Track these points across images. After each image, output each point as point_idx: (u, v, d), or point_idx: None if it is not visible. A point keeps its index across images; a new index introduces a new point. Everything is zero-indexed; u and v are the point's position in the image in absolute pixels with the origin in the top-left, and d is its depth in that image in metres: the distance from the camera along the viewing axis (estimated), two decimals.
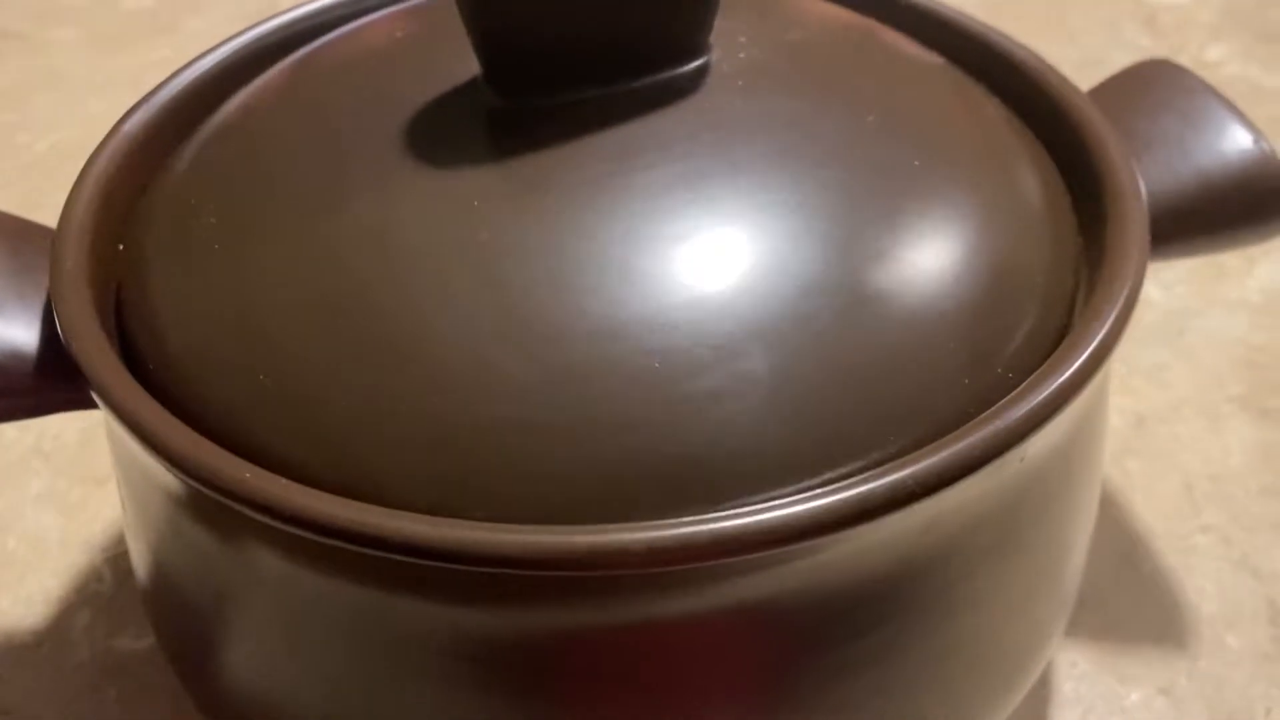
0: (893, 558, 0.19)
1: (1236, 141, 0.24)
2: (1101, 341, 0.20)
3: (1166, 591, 0.32)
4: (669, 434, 0.18)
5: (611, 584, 0.18)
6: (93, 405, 0.21)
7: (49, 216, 0.24)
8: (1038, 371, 0.19)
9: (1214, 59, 0.51)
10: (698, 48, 0.22)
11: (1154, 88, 0.25)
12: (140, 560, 0.24)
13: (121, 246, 0.23)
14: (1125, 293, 0.20)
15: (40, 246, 0.23)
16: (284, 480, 0.18)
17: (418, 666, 0.19)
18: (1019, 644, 0.23)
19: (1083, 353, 0.19)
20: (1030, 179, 0.23)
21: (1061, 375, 0.19)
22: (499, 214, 0.20)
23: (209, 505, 0.19)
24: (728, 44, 0.23)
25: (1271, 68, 0.51)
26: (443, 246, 0.20)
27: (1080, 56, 0.52)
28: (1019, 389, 0.19)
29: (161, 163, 0.25)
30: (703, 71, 0.22)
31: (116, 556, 0.33)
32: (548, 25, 0.21)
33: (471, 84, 0.22)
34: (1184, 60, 0.51)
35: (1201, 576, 0.32)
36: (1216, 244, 0.25)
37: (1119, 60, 0.35)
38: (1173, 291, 0.41)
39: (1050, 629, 0.24)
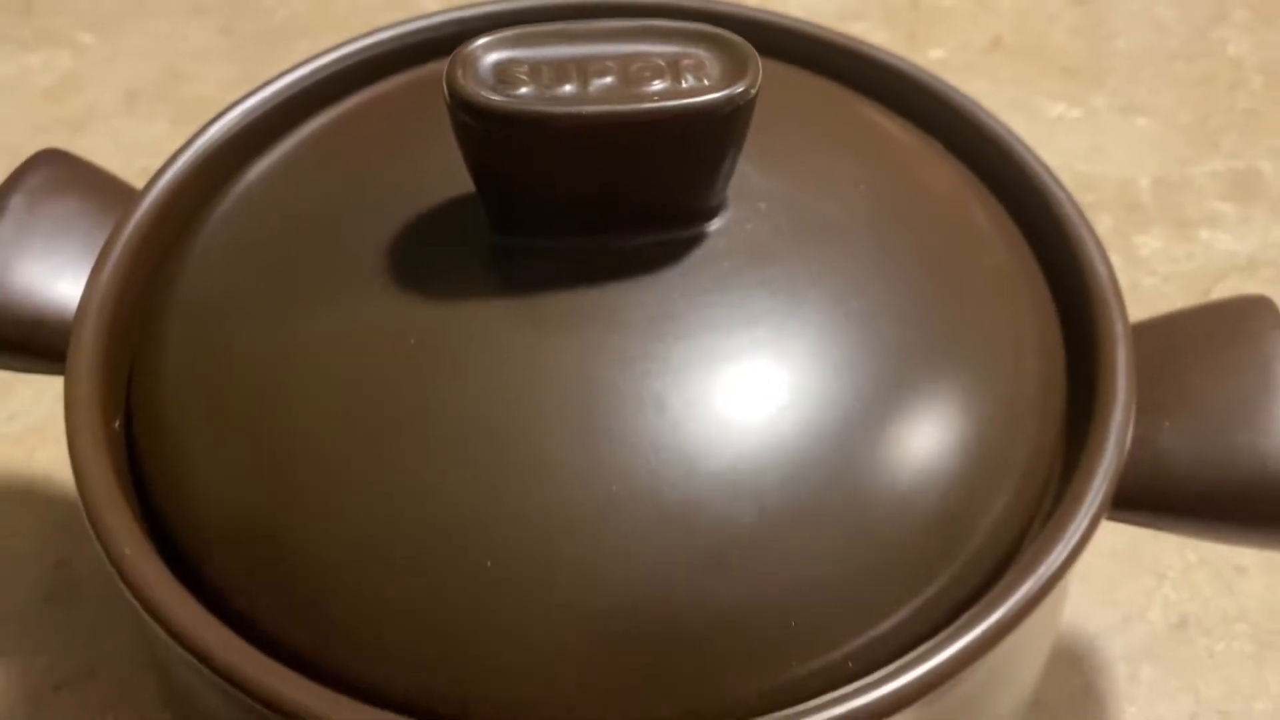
0: None
1: None
2: (1027, 594, 0.21)
3: None
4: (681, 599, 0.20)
5: None
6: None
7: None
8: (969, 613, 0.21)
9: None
10: (705, 213, 0.23)
11: (1235, 340, 0.23)
12: None
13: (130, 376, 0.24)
14: (1070, 546, 0.21)
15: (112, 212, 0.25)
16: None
17: None
18: None
19: (1000, 611, 0.20)
20: (1029, 364, 0.23)
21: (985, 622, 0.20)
22: (496, 366, 0.21)
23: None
24: (745, 210, 0.23)
25: None
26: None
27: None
28: (950, 630, 0.20)
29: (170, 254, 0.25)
30: (697, 240, 0.23)
31: None
32: (554, 184, 0.21)
33: (470, 212, 0.23)
34: None
35: None
36: (1189, 530, 0.24)
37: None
38: None
39: None
